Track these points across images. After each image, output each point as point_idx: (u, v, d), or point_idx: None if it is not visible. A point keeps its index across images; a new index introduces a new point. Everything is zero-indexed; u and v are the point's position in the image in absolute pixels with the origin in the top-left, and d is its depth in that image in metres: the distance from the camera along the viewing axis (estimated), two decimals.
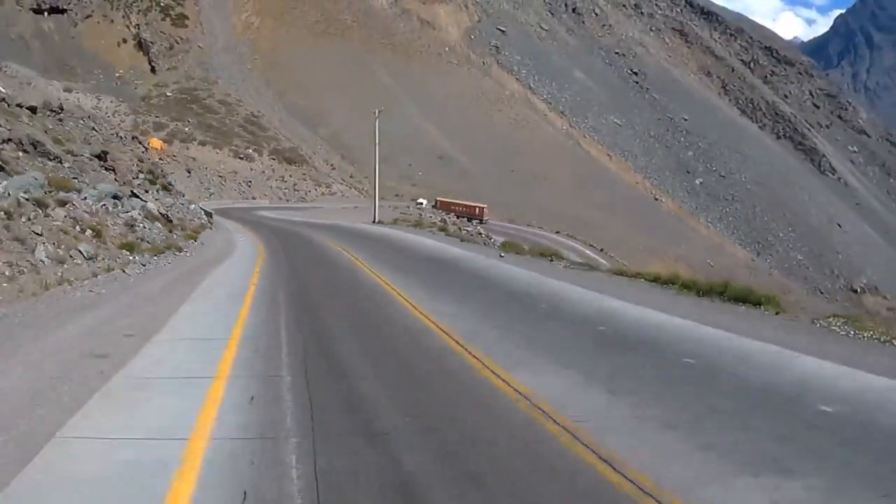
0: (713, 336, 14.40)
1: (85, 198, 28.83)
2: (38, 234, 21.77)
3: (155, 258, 26.32)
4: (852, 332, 14.63)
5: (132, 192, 38.04)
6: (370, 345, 13.82)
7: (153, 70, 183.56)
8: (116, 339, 12.58)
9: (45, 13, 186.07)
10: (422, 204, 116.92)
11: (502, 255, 33.95)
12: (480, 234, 75.32)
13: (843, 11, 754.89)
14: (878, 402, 9.91)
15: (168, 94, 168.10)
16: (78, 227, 24.75)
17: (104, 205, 30.22)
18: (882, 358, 12.53)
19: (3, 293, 15.61)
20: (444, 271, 29.14)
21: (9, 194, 23.10)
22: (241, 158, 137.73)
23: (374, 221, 67.80)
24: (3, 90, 46.67)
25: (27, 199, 23.72)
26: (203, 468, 7.09)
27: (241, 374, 10.71)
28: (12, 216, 21.66)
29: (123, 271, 22.17)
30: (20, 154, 31.51)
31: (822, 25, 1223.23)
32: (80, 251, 22.72)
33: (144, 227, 31.54)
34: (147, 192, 43.42)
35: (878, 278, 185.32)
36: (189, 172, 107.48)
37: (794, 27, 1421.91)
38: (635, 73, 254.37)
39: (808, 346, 13.24)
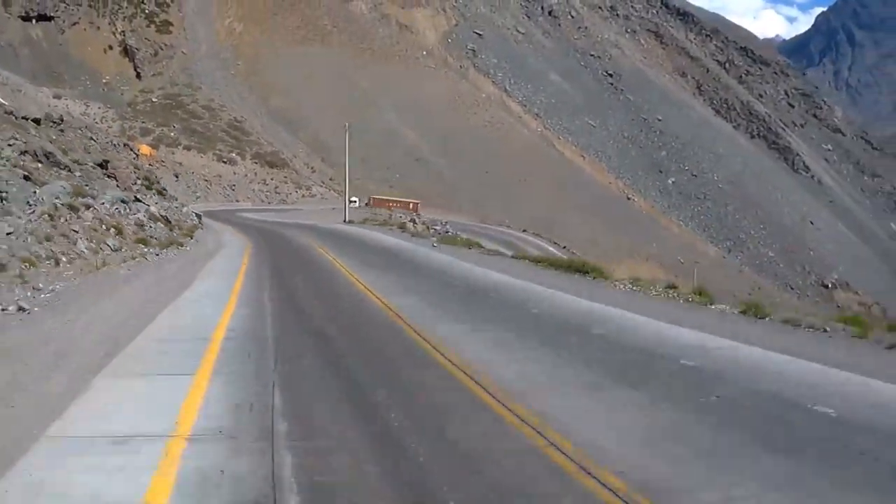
0: (524, 286, 22.30)
1: (103, 203, 35.23)
2: (75, 231, 28.25)
3: (163, 251, 32.56)
4: (631, 288, 21.91)
5: (135, 197, 44.07)
6: (317, 291, 22.21)
7: (139, 76, 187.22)
8: (163, 292, 19.70)
9: (33, 20, 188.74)
10: (354, 202, 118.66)
11: (435, 245, 41.21)
12: (448, 231, 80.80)
13: (825, 9, 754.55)
14: (574, 310, 17.97)
15: (154, 99, 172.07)
16: (104, 226, 31.21)
17: (117, 208, 36.60)
18: (618, 296, 20.20)
19: (73, 271, 22.32)
20: (377, 252, 38.66)
21: (43, 200, 29.52)
22: (225, 162, 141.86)
23: (345, 221, 74.42)
24: (6, 103, 51.66)
25: (62, 205, 30.14)
26: (230, 322, 15.31)
27: (242, 300, 18.96)
28: (54, 217, 28.21)
29: (145, 258, 28.82)
30: (39, 165, 37.48)
31: (804, 23, 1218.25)
32: (108, 244, 29.24)
33: (151, 227, 37.77)
34: (145, 196, 49.28)
35: (850, 275, 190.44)
36: (177, 177, 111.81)
37: (775, 25, 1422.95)
38: (610, 75, 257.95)
39: (580, 291, 20.87)
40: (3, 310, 15.13)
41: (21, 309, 15.47)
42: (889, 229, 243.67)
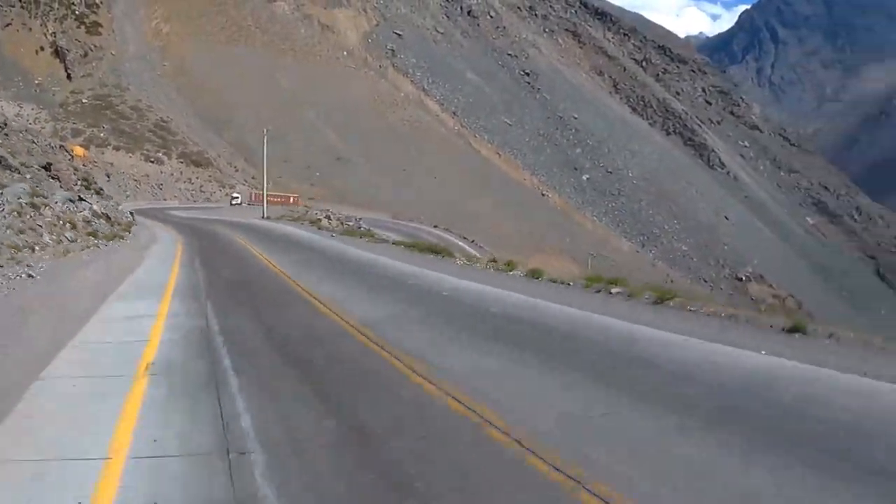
0: (382, 260, 30.42)
1: (56, 202, 41.92)
2: (40, 226, 35.16)
3: (110, 242, 39.20)
4: (465, 263, 29.84)
5: (79, 196, 50.38)
6: (230, 262, 30.31)
7: (69, 77, 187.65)
8: (122, 268, 26.88)
9: None
10: (237, 198, 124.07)
11: (333, 235, 49.14)
12: (361, 227, 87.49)
13: (749, 7, 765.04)
14: (403, 272, 27.08)
15: (84, 100, 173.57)
16: (60, 222, 38.10)
17: (67, 207, 43.15)
18: (450, 267, 28.58)
19: (48, 255, 29.44)
20: (283, 240, 46.73)
21: (9, 200, 36.33)
22: (152, 162, 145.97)
23: (263, 217, 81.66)
24: None
25: (25, 204, 36.92)
26: (176, 279, 23.27)
27: (182, 269, 26.76)
28: (21, 214, 35.07)
29: (97, 247, 35.90)
30: None
31: (727, 21, 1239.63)
32: (66, 237, 36.12)
33: (96, 223, 44.43)
34: (87, 196, 55.01)
35: (765, 268, 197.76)
36: (108, 177, 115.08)
37: (698, 23, 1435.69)
38: (527, 74, 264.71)
39: (422, 264, 28.93)
40: (18, 276, 22.42)
41: (30, 276, 22.85)
42: (806, 224, 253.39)
